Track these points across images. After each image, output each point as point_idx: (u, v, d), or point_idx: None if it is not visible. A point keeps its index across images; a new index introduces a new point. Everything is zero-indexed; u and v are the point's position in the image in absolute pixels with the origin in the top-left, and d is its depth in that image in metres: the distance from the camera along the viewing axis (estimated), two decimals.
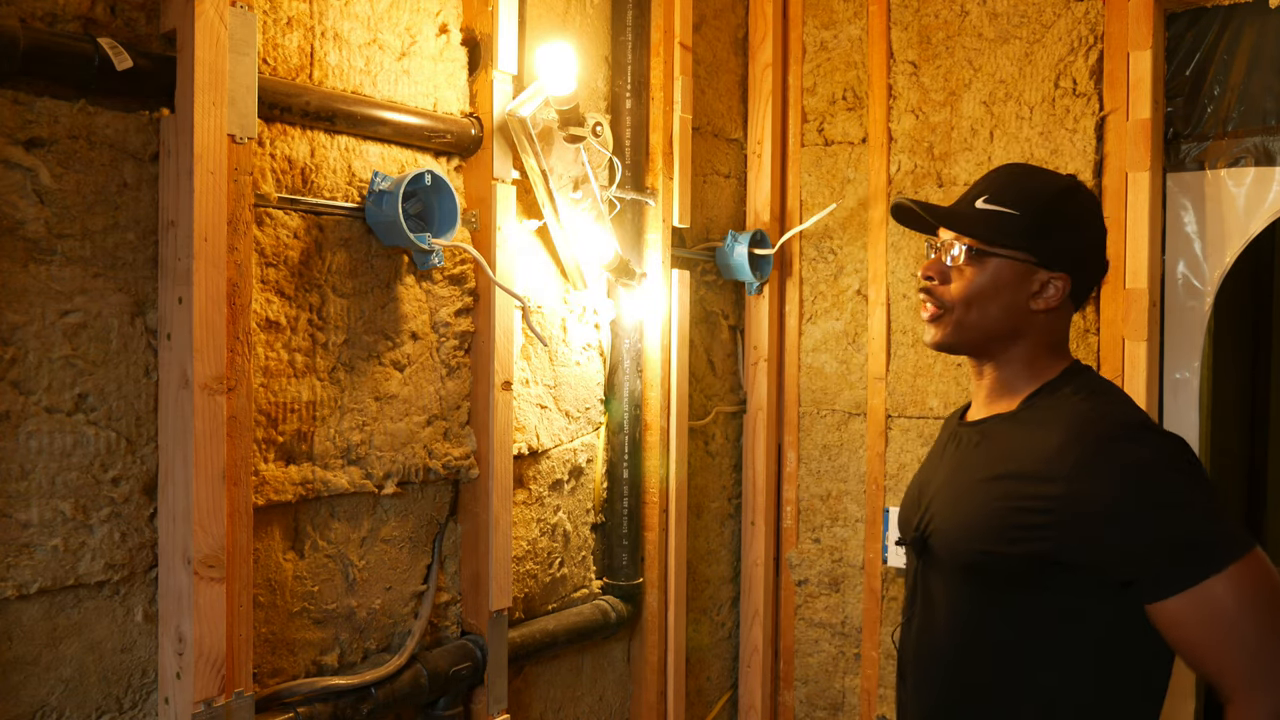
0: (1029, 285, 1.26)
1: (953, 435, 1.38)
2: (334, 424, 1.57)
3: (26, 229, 1.22)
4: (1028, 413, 1.26)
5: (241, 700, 1.37)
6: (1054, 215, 1.26)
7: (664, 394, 2.21)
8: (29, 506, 1.24)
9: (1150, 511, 1.11)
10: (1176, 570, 1.09)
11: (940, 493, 1.32)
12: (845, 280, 2.55)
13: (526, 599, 1.96)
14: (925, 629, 1.31)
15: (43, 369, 1.24)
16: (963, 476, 1.29)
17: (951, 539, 1.25)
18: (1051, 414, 1.23)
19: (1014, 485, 1.19)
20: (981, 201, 1.27)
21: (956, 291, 1.28)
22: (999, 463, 1.24)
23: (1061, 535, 1.14)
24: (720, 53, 2.49)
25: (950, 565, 1.26)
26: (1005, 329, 1.28)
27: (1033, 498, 1.16)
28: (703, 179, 2.44)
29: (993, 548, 1.19)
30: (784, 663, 2.64)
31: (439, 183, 1.61)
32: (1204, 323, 2.17)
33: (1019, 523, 1.17)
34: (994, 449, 1.27)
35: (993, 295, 1.26)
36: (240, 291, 1.37)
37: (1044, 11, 2.23)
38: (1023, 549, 1.17)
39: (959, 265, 1.27)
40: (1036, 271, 1.26)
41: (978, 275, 1.26)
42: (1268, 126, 2.09)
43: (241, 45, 1.35)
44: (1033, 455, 1.19)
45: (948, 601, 1.27)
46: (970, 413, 1.38)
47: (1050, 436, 1.18)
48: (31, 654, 1.25)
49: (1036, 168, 1.34)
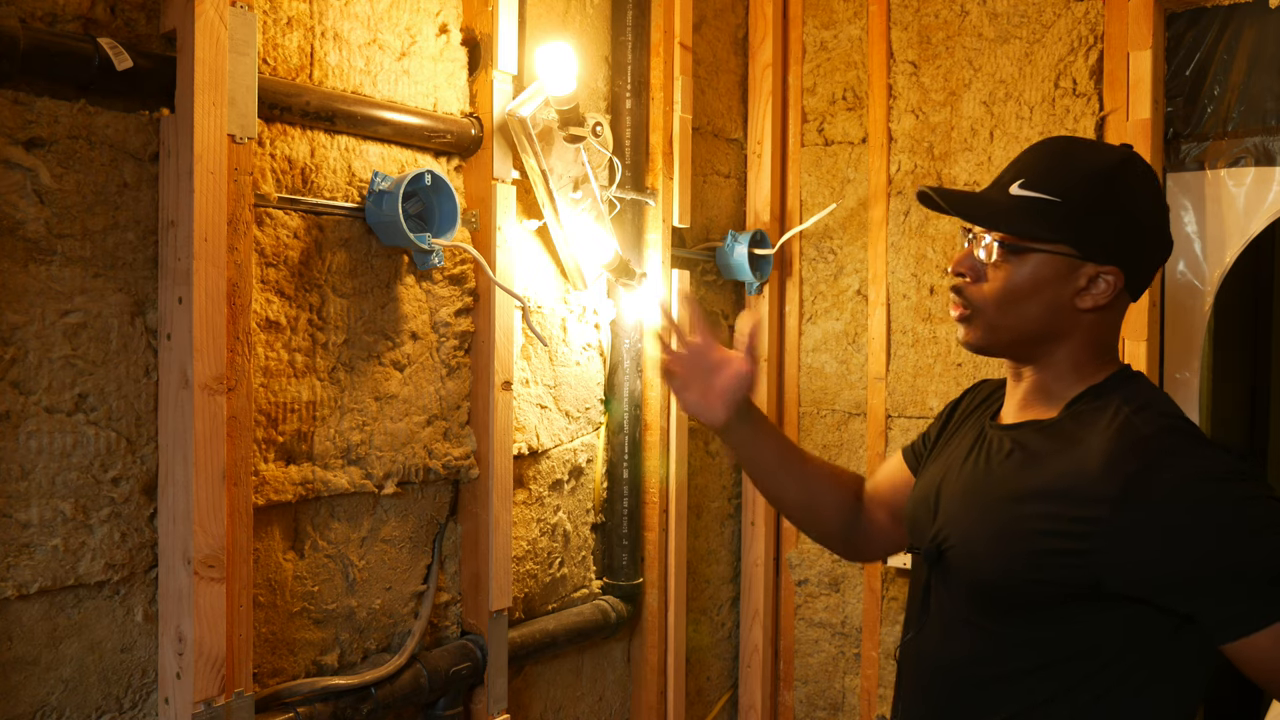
0: (1074, 281, 1.09)
1: (980, 435, 1.22)
2: (334, 424, 1.57)
3: (26, 229, 1.22)
4: (1070, 423, 1.10)
5: (241, 700, 1.37)
6: (1102, 199, 1.08)
7: (664, 394, 2.21)
8: (29, 506, 1.24)
9: (1222, 535, 0.98)
10: (1257, 603, 0.97)
11: (961, 502, 1.17)
12: (845, 280, 2.55)
13: (526, 599, 1.96)
14: (932, 646, 1.19)
15: (43, 369, 1.24)
16: (989, 489, 1.14)
17: (972, 559, 1.12)
18: (1097, 426, 1.07)
19: (1050, 506, 1.05)
20: (1017, 187, 1.10)
21: (990, 292, 1.12)
22: (1033, 478, 1.09)
23: (1106, 564, 1.01)
24: (720, 53, 2.49)
25: (967, 585, 1.13)
26: (1046, 331, 1.12)
27: (1073, 520, 1.03)
28: (703, 179, 2.44)
29: (1020, 574, 1.06)
30: (784, 663, 2.64)
31: (439, 183, 1.61)
32: (1204, 323, 2.17)
33: (1054, 548, 1.04)
34: (1028, 462, 1.11)
35: (1031, 295, 1.10)
36: (240, 291, 1.37)
37: (1044, 11, 2.23)
38: (1056, 577, 1.04)
39: (993, 262, 1.12)
40: (1083, 265, 1.09)
41: (1013, 273, 1.10)
42: (1268, 126, 2.09)
43: (241, 45, 1.35)
44: (1074, 472, 1.05)
45: (959, 621, 1.14)
46: (1003, 413, 1.22)
47: (1095, 451, 1.04)
48: (31, 654, 1.25)
49: (1080, 141, 1.18)
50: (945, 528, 1.17)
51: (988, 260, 1.13)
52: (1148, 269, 1.14)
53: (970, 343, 1.17)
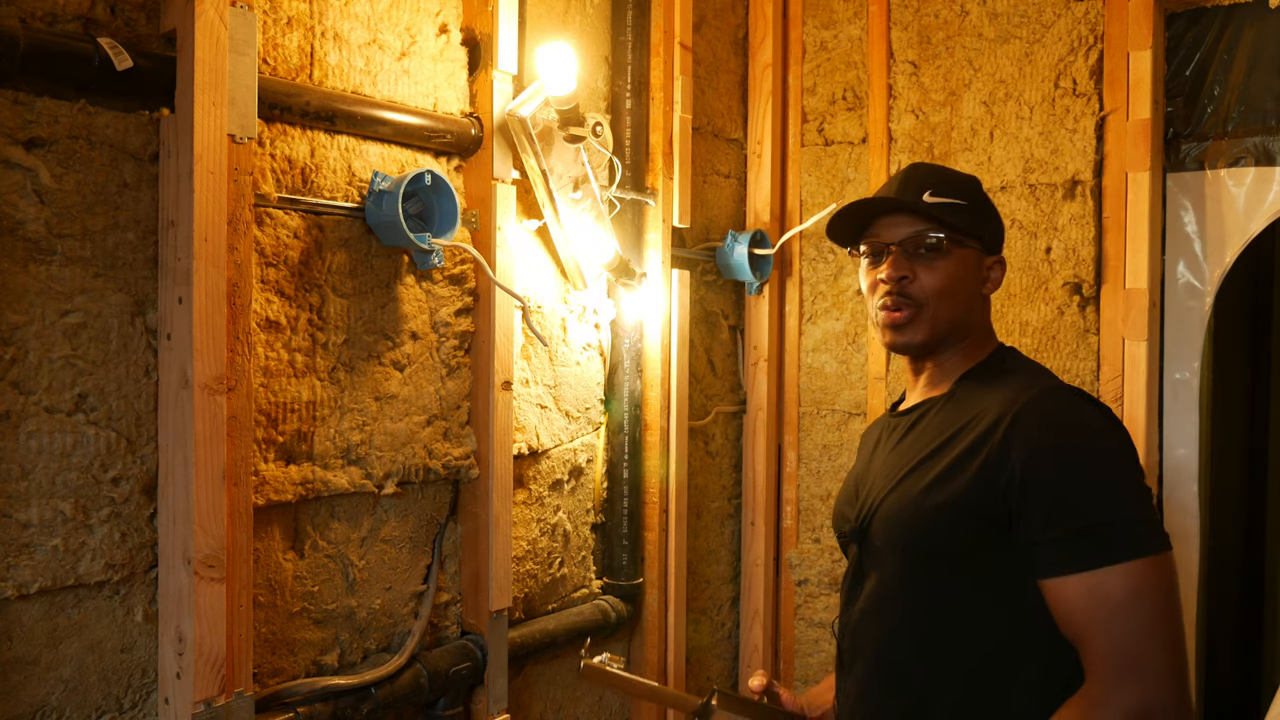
0: (981, 271, 1.29)
1: (886, 428, 1.36)
2: (334, 424, 1.57)
3: (26, 229, 1.22)
4: (962, 392, 1.25)
5: (241, 700, 1.37)
6: (985, 203, 1.31)
7: (664, 394, 2.21)
8: (29, 506, 1.24)
9: (1070, 477, 1.09)
10: (1076, 549, 1.06)
11: (877, 481, 1.28)
12: (845, 280, 2.55)
13: (526, 599, 1.96)
14: (866, 615, 1.26)
15: (43, 369, 1.24)
16: (899, 459, 1.26)
17: (891, 520, 1.22)
18: (987, 388, 1.22)
19: (950, 456, 1.17)
20: (929, 195, 1.25)
21: (931, 285, 1.25)
22: (935, 438, 1.22)
23: (983, 490, 1.12)
24: (720, 53, 2.49)
25: (889, 547, 1.23)
26: (966, 319, 1.28)
27: (967, 465, 1.14)
28: (703, 179, 2.44)
29: (932, 522, 1.17)
30: (784, 663, 2.64)
31: (439, 183, 1.61)
32: (1204, 323, 2.17)
33: (955, 490, 1.15)
34: (929, 429, 1.25)
35: (961, 285, 1.26)
36: (240, 291, 1.37)
37: (1044, 11, 2.23)
38: (958, 518, 1.14)
39: (928, 260, 1.25)
40: (985, 258, 1.29)
41: (950, 267, 1.25)
42: (1268, 126, 2.09)
43: (241, 45, 1.35)
44: (968, 426, 1.18)
45: (889, 585, 1.23)
46: (903, 405, 1.36)
47: (985, 407, 1.17)
48: (31, 654, 1.25)
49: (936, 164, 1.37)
50: (867, 504, 1.28)
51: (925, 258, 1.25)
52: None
53: (913, 341, 1.28)
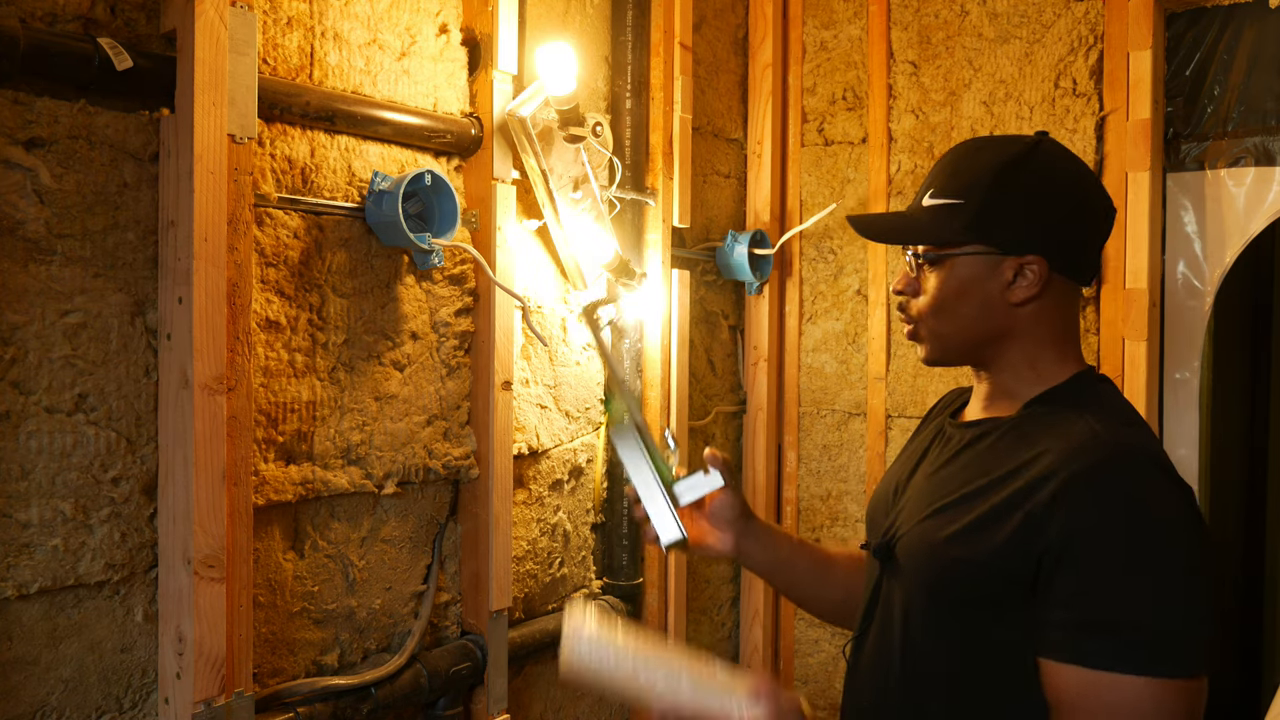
0: (999, 277, 1.09)
1: (939, 432, 1.21)
2: (334, 424, 1.57)
3: (26, 229, 1.22)
4: (1027, 422, 1.09)
5: (241, 700, 1.37)
6: (1004, 192, 1.08)
7: (664, 394, 2.21)
8: (29, 506, 1.24)
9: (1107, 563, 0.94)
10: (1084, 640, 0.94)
11: (911, 502, 1.15)
12: (845, 280, 2.55)
13: (526, 599, 1.96)
14: (879, 647, 1.15)
15: (43, 369, 1.24)
16: (939, 488, 1.12)
17: (912, 557, 1.09)
18: (1051, 425, 1.05)
19: (988, 504, 1.03)
20: (928, 198, 1.12)
21: (923, 304, 1.14)
22: (982, 475, 1.07)
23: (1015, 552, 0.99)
24: (720, 53, 2.49)
25: (913, 580, 1.10)
26: (988, 331, 1.12)
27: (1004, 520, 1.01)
28: (703, 179, 2.44)
29: (952, 575, 1.04)
30: (784, 663, 2.64)
31: (439, 183, 1.61)
32: (1204, 323, 2.17)
33: (982, 549, 1.02)
34: (981, 458, 1.10)
35: (960, 299, 1.11)
36: (240, 291, 1.37)
37: (1044, 11, 2.23)
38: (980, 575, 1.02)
39: (926, 272, 1.13)
40: (1003, 260, 1.08)
41: (939, 282, 1.12)
42: (1268, 126, 2.09)
43: (241, 45, 1.35)
44: (1017, 472, 1.03)
45: (906, 619, 1.11)
46: (966, 411, 1.21)
47: (1042, 452, 1.02)
48: (31, 654, 1.25)
49: (990, 139, 1.17)
50: (898, 523, 1.15)
51: (914, 275, 1.15)
52: (1077, 249, 1.11)
53: (926, 358, 1.17)
